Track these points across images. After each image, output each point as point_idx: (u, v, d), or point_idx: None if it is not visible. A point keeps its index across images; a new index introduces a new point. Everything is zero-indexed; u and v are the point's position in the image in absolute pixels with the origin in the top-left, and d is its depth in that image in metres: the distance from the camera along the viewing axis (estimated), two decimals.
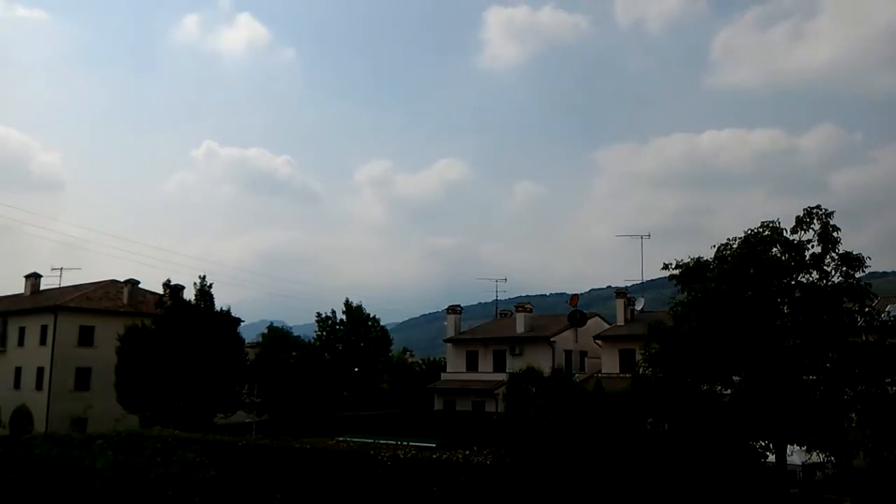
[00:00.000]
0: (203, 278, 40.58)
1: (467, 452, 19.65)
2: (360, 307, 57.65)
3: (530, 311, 49.67)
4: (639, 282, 49.56)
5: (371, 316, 57.99)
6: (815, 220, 19.29)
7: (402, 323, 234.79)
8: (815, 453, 20.54)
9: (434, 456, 20.07)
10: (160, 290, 42.72)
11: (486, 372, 47.52)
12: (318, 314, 58.18)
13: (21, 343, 48.34)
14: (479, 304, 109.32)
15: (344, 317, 57.43)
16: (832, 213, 19.24)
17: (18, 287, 54.68)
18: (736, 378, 18.97)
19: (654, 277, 39.64)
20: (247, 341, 47.75)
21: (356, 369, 52.93)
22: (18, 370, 47.68)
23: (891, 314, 21.40)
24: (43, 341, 46.18)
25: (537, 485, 17.99)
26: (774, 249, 19.68)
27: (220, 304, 40.78)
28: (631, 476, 17.25)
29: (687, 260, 21.05)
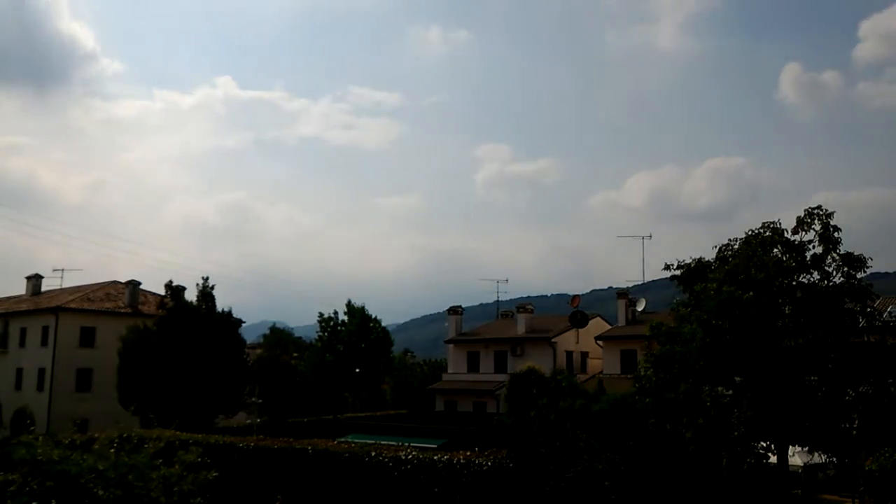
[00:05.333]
0: (205, 280, 40.63)
1: (468, 453, 19.66)
2: (362, 308, 57.66)
3: (531, 311, 49.64)
4: (640, 282, 49.57)
5: (373, 317, 57.99)
6: (815, 221, 19.30)
7: (403, 324, 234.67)
8: (816, 454, 20.54)
9: (435, 457, 20.09)
10: (162, 291, 42.68)
11: (487, 373, 47.51)
12: (320, 315, 58.20)
13: (22, 344, 48.37)
14: (481, 304, 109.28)
15: (346, 318, 57.42)
16: (832, 213, 19.27)
17: (20, 288, 54.81)
18: (737, 379, 18.97)
19: (655, 278, 39.64)
20: (248, 342, 47.76)
21: (357, 370, 52.89)
22: (20, 371, 47.72)
23: (892, 314, 21.41)
24: (44, 342, 46.21)
25: (538, 486, 17.99)
26: (775, 250, 19.70)
27: (221, 305, 40.84)
28: (633, 476, 17.25)
29: (688, 261, 21.08)
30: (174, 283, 40.91)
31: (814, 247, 19.44)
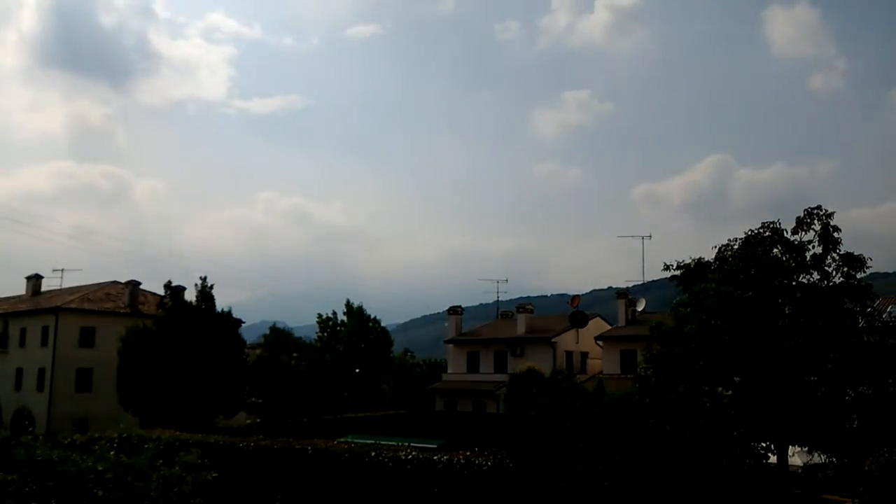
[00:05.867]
0: (204, 279, 40.62)
1: (468, 454, 19.65)
2: (361, 308, 57.70)
3: (531, 311, 49.66)
4: (640, 282, 49.58)
5: (372, 317, 58.03)
6: (815, 221, 19.32)
7: (403, 324, 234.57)
8: (816, 454, 20.53)
9: (435, 457, 20.09)
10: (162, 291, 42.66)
11: (487, 373, 47.51)
12: (319, 315, 58.29)
13: (22, 344, 48.36)
14: (481, 304, 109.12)
15: (345, 318, 57.47)
16: (832, 213, 19.30)
17: (19, 288, 54.81)
18: (737, 379, 18.98)
19: (655, 278, 39.66)
20: (248, 342, 47.78)
21: (357, 370, 52.93)
22: (19, 371, 47.70)
23: (892, 315, 21.41)
24: (44, 342, 46.20)
25: (538, 486, 18.00)
26: (775, 250, 19.71)
27: (222, 304, 40.84)
28: (632, 477, 17.25)
29: (688, 261, 21.07)
30: (173, 283, 40.96)
31: (813, 247, 19.47)
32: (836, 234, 19.14)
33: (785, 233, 19.74)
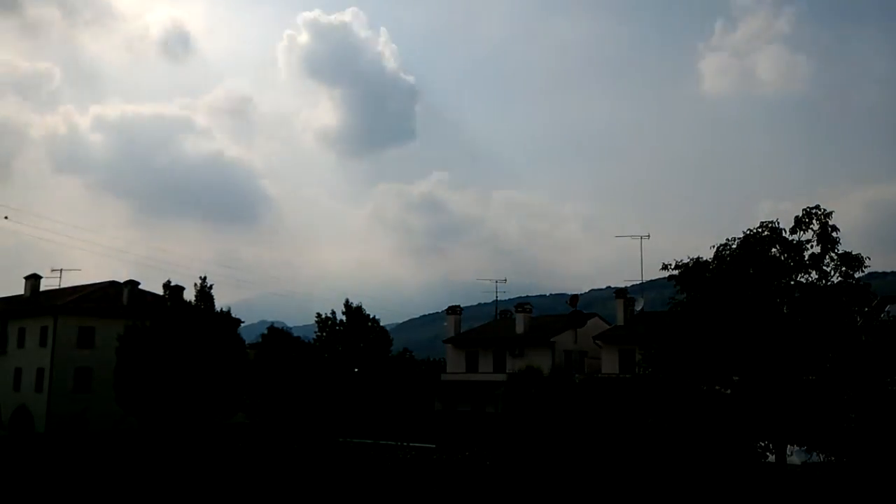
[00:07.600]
0: (203, 279, 40.65)
1: (467, 453, 19.69)
2: (360, 308, 57.66)
3: (530, 311, 49.66)
4: (639, 282, 49.61)
5: (371, 317, 57.97)
6: (813, 221, 19.32)
7: (401, 323, 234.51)
8: (815, 453, 20.56)
9: (434, 457, 20.12)
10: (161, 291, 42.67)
11: (486, 372, 47.51)
12: (318, 315, 58.18)
13: (21, 344, 48.31)
14: (479, 304, 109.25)
15: (344, 317, 57.41)
16: (831, 213, 19.30)
17: (18, 288, 54.75)
18: (735, 378, 19.00)
19: (654, 278, 39.69)
20: (247, 342, 47.73)
21: (356, 370, 52.85)
22: (18, 371, 47.66)
23: (890, 314, 21.42)
24: (43, 343, 46.15)
25: (536, 485, 18.02)
26: (774, 249, 19.71)
27: (222, 305, 40.84)
28: (632, 476, 17.27)
29: (686, 260, 21.09)
30: (172, 283, 40.98)
31: (812, 246, 19.47)
32: (834, 234, 19.13)
33: (783, 232, 19.73)
